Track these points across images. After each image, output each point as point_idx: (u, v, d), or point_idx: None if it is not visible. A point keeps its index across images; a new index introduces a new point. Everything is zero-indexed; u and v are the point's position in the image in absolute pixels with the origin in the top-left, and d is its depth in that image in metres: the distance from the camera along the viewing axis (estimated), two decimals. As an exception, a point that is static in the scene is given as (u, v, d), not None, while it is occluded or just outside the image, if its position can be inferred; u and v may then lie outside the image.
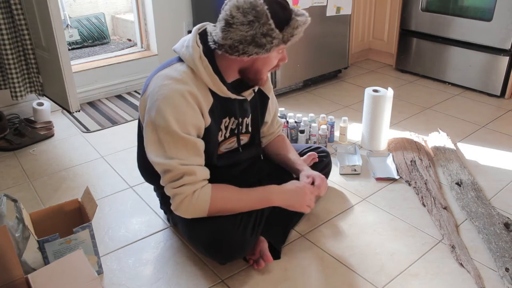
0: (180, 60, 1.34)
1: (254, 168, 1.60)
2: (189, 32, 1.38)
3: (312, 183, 1.49)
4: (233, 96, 1.36)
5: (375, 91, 2.12)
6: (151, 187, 1.72)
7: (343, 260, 1.50)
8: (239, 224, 1.36)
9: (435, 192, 1.80)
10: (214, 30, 1.27)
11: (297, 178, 1.54)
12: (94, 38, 3.92)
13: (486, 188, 1.87)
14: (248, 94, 1.43)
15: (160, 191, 1.58)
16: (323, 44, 2.89)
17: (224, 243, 1.34)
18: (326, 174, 1.81)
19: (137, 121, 2.48)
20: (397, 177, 1.95)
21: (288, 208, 1.43)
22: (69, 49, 3.21)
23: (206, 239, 1.36)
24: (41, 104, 2.48)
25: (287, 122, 2.20)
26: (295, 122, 2.23)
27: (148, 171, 1.52)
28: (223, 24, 1.22)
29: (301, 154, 1.73)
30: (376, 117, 2.12)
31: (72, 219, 1.49)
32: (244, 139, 1.52)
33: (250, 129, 1.51)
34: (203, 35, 1.33)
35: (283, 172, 1.62)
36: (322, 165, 1.75)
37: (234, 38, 1.21)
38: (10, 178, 2.02)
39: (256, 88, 1.46)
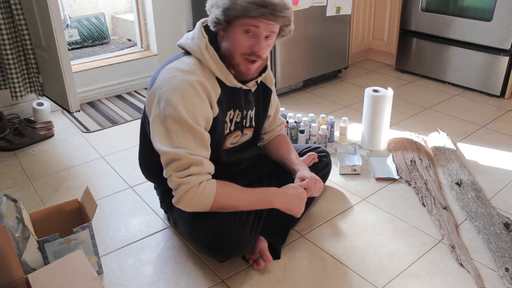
0: (186, 54, 1.37)
1: (255, 167, 1.61)
2: (189, 32, 1.40)
3: None
4: (239, 85, 1.39)
5: (375, 91, 2.12)
6: (151, 187, 1.72)
7: (343, 260, 1.50)
8: (239, 222, 1.36)
9: (435, 192, 1.80)
10: None
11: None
12: (94, 38, 3.92)
13: (486, 188, 1.87)
14: (252, 85, 1.45)
15: (160, 189, 1.59)
16: (323, 44, 2.89)
17: (223, 240, 1.34)
18: (326, 174, 1.82)
19: (138, 121, 2.50)
20: (397, 177, 1.95)
21: (285, 211, 1.45)
22: (69, 49, 3.21)
23: (205, 236, 1.37)
24: (41, 104, 2.48)
25: (287, 122, 2.20)
26: (295, 122, 2.23)
27: (149, 169, 1.53)
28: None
29: (301, 154, 1.74)
30: (376, 117, 2.12)
31: (72, 219, 1.49)
32: (248, 133, 1.53)
33: (253, 123, 1.52)
34: (206, 28, 1.36)
35: (283, 172, 1.62)
36: (322, 165, 1.75)
37: (210, 3, 1.32)
38: (10, 178, 2.02)
39: (259, 80, 1.48)
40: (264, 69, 1.47)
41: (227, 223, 1.35)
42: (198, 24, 1.38)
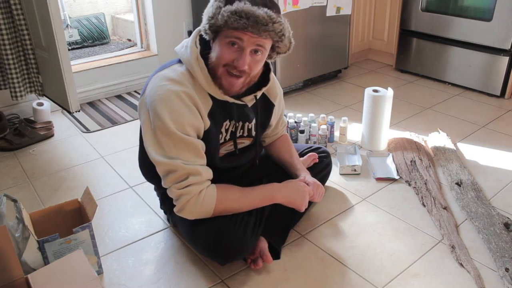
0: (180, 61, 1.35)
1: (255, 169, 1.60)
2: (189, 32, 1.38)
3: None
4: (231, 100, 1.35)
5: (375, 91, 2.12)
6: (151, 187, 1.72)
7: (343, 260, 1.50)
8: (240, 225, 1.36)
9: (435, 192, 1.80)
10: None
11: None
12: (94, 38, 3.92)
13: (486, 188, 1.87)
14: (249, 100, 1.42)
15: (160, 190, 1.58)
16: (323, 44, 2.89)
17: (224, 244, 1.34)
18: (327, 175, 1.81)
19: (138, 121, 2.50)
20: (397, 177, 1.95)
21: (288, 204, 1.44)
22: (69, 49, 3.21)
23: (206, 240, 1.36)
24: (41, 104, 2.48)
25: (287, 122, 2.20)
26: (295, 122, 2.23)
27: (149, 170, 1.52)
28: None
29: (302, 154, 1.73)
30: (376, 117, 2.12)
31: (72, 219, 1.49)
32: (246, 142, 1.51)
33: (253, 133, 1.50)
34: (202, 37, 1.34)
35: (283, 172, 1.62)
36: (322, 166, 1.75)
37: (204, 11, 1.28)
38: (10, 178, 2.02)
39: (259, 95, 1.44)
40: (264, 83, 1.43)
41: (228, 226, 1.34)
42: (195, 32, 1.34)
